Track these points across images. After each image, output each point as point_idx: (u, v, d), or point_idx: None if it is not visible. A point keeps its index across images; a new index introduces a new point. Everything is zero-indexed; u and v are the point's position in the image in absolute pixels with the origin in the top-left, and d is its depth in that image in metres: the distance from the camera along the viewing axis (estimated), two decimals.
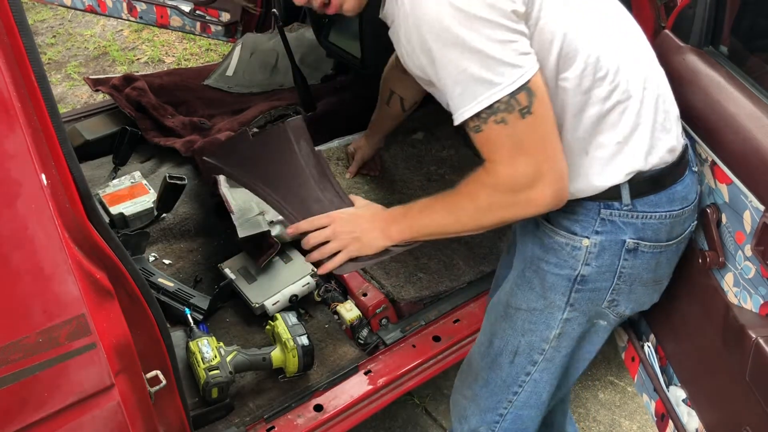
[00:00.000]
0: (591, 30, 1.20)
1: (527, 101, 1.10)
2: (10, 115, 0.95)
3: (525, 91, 1.09)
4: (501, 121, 1.11)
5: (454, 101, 1.14)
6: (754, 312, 1.30)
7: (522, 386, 1.44)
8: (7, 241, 0.97)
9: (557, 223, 1.30)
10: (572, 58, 1.17)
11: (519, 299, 1.39)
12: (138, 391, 1.23)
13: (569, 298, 1.34)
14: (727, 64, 1.47)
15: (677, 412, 1.53)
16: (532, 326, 1.39)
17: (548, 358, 1.41)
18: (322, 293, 2.09)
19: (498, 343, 1.44)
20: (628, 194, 1.25)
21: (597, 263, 1.29)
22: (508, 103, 1.10)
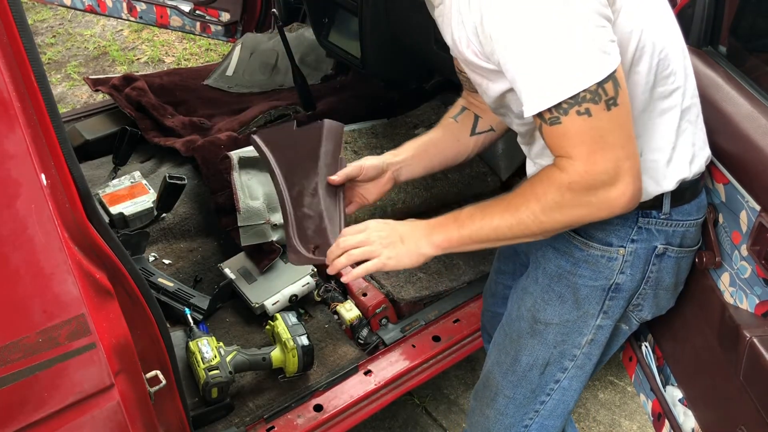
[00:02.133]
0: (662, 27, 1.16)
1: (614, 91, 1.01)
2: (10, 115, 0.95)
3: (612, 81, 1.00)
4: (585, 113, 1.01)
5: (528, 89, 1.03)
6: (750, 312, 1.30)
7: (550, 394, 1.41)
8: (7, 241, 0.97)
9: (590, 235, 1.26)
10: (646, 52, 1.12)
11: (549, 314, 1.34)
12: (138, 391, 1.23)
13: (603, 306, 1.31)
14: (726, 64, 1.47)
15: (674, 412, 1.53)
16: (564, 337, 1.35)
17: (579, 365, 1.38)
18: (322, 293, 2.10)
19: (526, 359, 1.39)
20: (669, 203, 1.23)
21: (631, 271, 1.28)
22: (596, 93, 1.00)
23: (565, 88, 1.00)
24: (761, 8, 1.63)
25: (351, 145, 2.32)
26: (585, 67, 1.00)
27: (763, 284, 1.27)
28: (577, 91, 1.00)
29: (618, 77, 1.02)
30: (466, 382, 2.40)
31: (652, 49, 1.13)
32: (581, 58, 1.00)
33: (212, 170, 2.26)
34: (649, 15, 1.13)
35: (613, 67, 1.01)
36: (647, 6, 1.14)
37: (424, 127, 2.50)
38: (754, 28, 1.65)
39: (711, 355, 1.40)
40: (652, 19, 1.14)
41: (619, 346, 1.45)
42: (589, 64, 1.00)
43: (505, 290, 1.67)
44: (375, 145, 2.36)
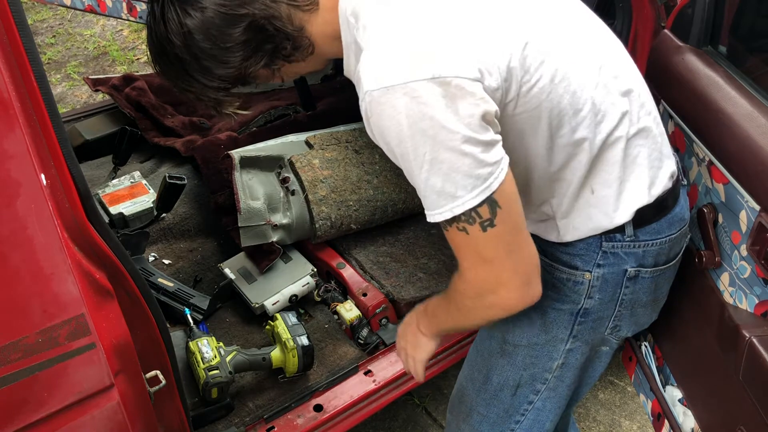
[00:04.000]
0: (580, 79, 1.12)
1: (490, 214, 1.03)
2: (10, 115, 0.95)
3: (488, 204, 1.02)
4: (462, 230, 1.04)
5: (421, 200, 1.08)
6: (749, 312, 1.30)
7: (525, 414, 1.40)
8: (7, 241, 0.97)
9: (556, 258, 1.26)
10: (567, 115, 1.11)
11: (517, 336, 1.34)
12: (137, 391, 1.23)
13: (572, 330, 1.30)
14: (726, 64, 1.47)
15: (673, 412, 1.53)
16: (534, 360, 1.34)
17: (551, 387, 1.37)
18: (322, 293, 2.10)
19: (497, 379, 1.39)
20: (631, 227, 1.21)
21: (600, 295, 1.25)
22: (469, 216, 1.03)
23: (442, 211, 1.04)
24: (761, 8, 1.63)
25: (352, 144, 2.32)
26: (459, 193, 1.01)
27: (762, 284, 1.27)
28: (452, 215, 1.03)
29: (498, 197, 1.02)
30: None
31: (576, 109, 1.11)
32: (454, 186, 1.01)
33: (212, 170, 2.26)
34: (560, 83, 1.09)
35: (490, 191, 1.01)
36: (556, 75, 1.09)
37: None
38: (754, 28, 1.65)
39: (710, 354, 1.40)
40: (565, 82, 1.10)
41: (604, 367, 1.42)
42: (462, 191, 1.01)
43: None
44: (375, 144, 2.36)
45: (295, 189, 2.13)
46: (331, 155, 2.25)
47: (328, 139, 2.30)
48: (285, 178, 2.15)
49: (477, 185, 1.01)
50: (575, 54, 1.13)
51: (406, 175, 1.07)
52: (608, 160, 1.16)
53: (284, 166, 2.19)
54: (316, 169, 2.17)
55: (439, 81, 0.97)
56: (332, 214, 2.11)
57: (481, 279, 1.09)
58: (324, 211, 2.10)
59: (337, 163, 2.23)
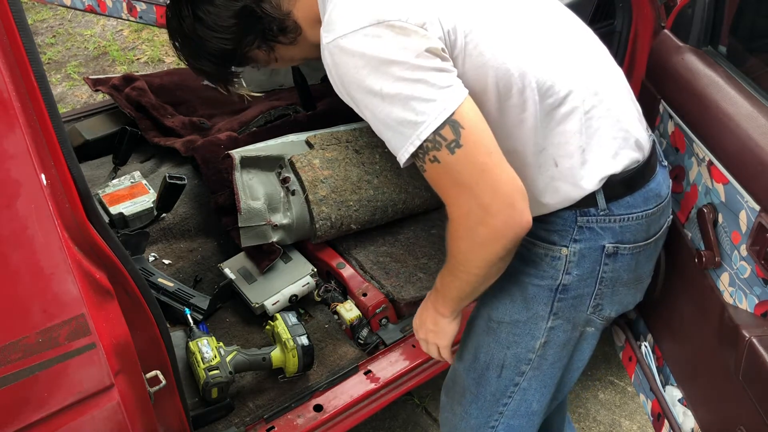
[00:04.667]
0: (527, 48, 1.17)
1: (453, 134, 1.06)
2: (10, 115, 0.95)
3: (449, 125, 1.05)
4: (434, 160, 1.08)
5: (390, 146, 1.12)
6: (749, 312, 1.30)
7: (511, 396, 1.43)
8: (7, 241, 0.97)
9: (533, 233, 1.26)
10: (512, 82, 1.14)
11: (500, 312, 1.37)
12: (138, 391, 1.23)
13: (552, 307, 1.32)
14: (726, 64, 1.47)
15: (673, 412, 1.53)
16: (516, 338, 1.37)
17: (535, 366, 1.39)
18: (322, 293, 2.10)
19: (483, 357, 1.42)
20: (603, 199, 1.23)
21: (578, 271, 1.27)
22: (435, 141, 1.06)
23: (411, 141, 1.07)
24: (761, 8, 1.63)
25: (352, 144, 2.32)
26: (419, 119, 1.06)
27: (762, 284, 1.27)
28: (420, 141, 1.07)
29: (458, 118, 1.06)
30: None
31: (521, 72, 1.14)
32: (413, 112, 1.06)
33: (212, 170, 2.26)
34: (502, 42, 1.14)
35: (449, 112, 1.05)
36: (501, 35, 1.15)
37: None
38: (754, 28, 1.65)
39: (710, 355, 1.40)
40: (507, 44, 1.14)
41: (592, 349, 1.43)
42: (422, 115, 1.06)
43: None
44: (376, 144, 2.36)
45: (295, 189, 2.13)
46: (332, 155, 2.25)
47: (328, 139, 2.30)
48: (285, 178, 2.15)
49: (435, 107, 1.05)
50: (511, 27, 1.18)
51: (371, 122, 1.13)
52: (566, 132, 1.19)
53: (284, 166, 2.19)
54: (317, 169, 2.17)
55: (385, 24, 1.06)
56: (332, 215, 2.11)
57: (465, 210, 1.10)
58: (324, 211, 2.10)
59: (337, 163, 2.23)
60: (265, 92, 2.94)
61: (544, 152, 1.20)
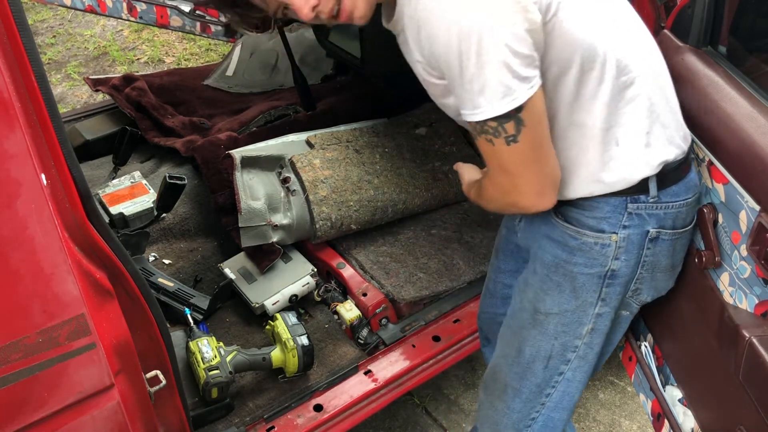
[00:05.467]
0: (609, 28, 1.20)
1: (514, 130, 1.12)
2: (10, 115, 0.95)
3: (513, 120, 1.11)
4: (489, 141, 1.15)
5: (458, 99, 1.17)
6: (749, 312, 1.30)
7: (555, 386, 1.44)
8: (7, 241, 0.97)
9: (582, 223, 1.31)
10: (596, 57, 1.18)
11: (549, 304, 1.38)
12: (138, 391, 1.23)
13: (600, 293, 1.34)
14: (726, 64, 1.47)
15: (673, 412, 1.53)
16: (565, 328, 1.38)
17: (581, 355, 1.40)
18: (322, 293, 2.10)
19: (529, 351, 1.42)
20: (655, 186, 1.27)
21: (625, 256, 1.31)
22: (496, 129, 1.13)
23: (475, 113, 1.13)
24: (761, 8, 1.63)
25: (353, 144, 2.33)
26: (489, 101, 1.10)
27: (762, 284, 1.27)
28: (483, 118, 1.13)
29: (524, 114, 1.11)
30: (466, 382, 2.40)
31: (604, 49, 1.18)
32: (484, 93, 1.10)
33: (212, 170, 2.26)
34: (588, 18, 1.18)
35: (509, 107, 1.10)
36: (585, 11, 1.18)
37: (425, 127, 2.50)
38: (753, 28, 1.65)
39: (710, 354, 1.40)
40: (592, 21, 1.18)
41: (622, 333, 1.47)
42: (492, 100, 1.10)
43: (504, 290, 1.67)
44: (376, 144, 2.36)
45: (295, 189, 2.13)
46: (332, 155, 2.25)
47: (328, 139, 2.30)
48: (286, 178, 2.16)
49: (507, 94, 1.09)
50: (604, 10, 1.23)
51: (449, 81, 1.16)
52: (634, 113, 1.23)
53: (285, 165, 2.19)
54: (317, 169, 2.18)
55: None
56: (332, 215, 2.11)
57: (501, 184, 1.23)
58: (324, 211, 2.10)
59: (337, 162, 2.23)
60: (265, 92, 2.95)
61: (611, 130, 1.24)
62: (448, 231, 2.31)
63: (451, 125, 2.52)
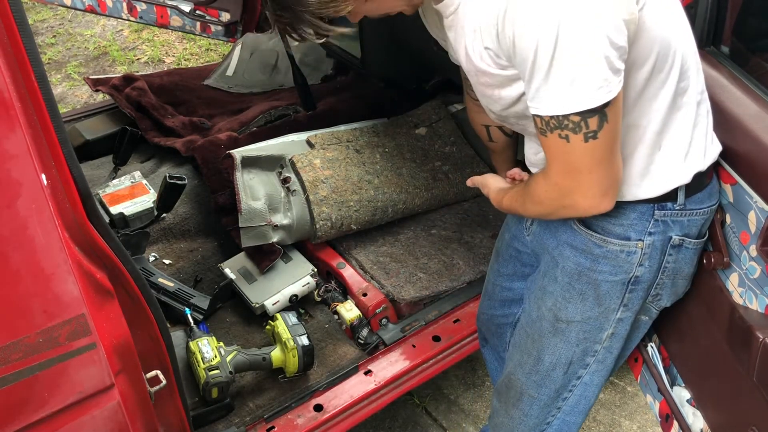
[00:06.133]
0: (678, 26, 1.19)
1: (597, 125, 1.07)
2: (10, 115, 0.95)
3: (598, 115, 1.06)
4: (564, 138, 1.09)
5: (529, 93, 1.10)
6: (761, 312, 1.29)
7: (572, 390, 1.43)
8: (7, 241, 0.97)
9: (608, 231, 1.29)
10: (671, 53, 1.16)
11: (571, 312, 1.36)
12: (138, 391, 1.23)
13: (623, 299, 1.33)
14: (729, 64, 1.47)
15: (682, 413, 1.53)
16: (586, 335, 1.37)
17: (600, 359, 1.40)
18: (322, 293, 2.09)
19: (549, 358, 1.41)
20: (683, 194, 1.26)
21: (649, 262, 1.30)
22: (578, 124, 1.06)
23: (554, 106, 1.07)
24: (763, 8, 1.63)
25: (353, 144, 2.32)
26: (577, 94, 1.04)
27: None
28: (564, 113, 1.06)
29: (609, 111, 1.06)
30: (466, 382, 2.40)
31: (675, 49, 1.16)
32: (576, 85, 1.04)
33: (212, 170, 2.25)
34: (667, 16, 1.15)
35: (605, 100, 1.05)
36: (664, 8, 1.16)
37: (425, 127, 2.50)
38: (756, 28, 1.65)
39: (720, 355, 1.39)
40: (670, 19, 1.16)
41: (641, 337, 1.46)
42: (580, 93, 1.04)
43: (502, 293, 1.66)
44: (377, 144, 2.36)
45: (296, 189, 2.13)
46: (332, 155, 2.25)
47: (329, 139, 2.30)
48: (286, 178, 2.15)
49: (602, 86, 1.04)
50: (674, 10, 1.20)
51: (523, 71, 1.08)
52: (683, 120, 1.22)
53: (285, 165, 2.19)
54: (317, 169, 2.17)
55: None
56: (333, 215, 2.11)
57: (565, 185, 1.15)
58: (324, 211, 2.10)
59: (338, 162, 2.23)
60: (265, 92, 2.94)
61: (660, 134, 1.21)
62: (448, 231, 2.31)
63: (451, 125, 2.52)
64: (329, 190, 2.14)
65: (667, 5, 1.17)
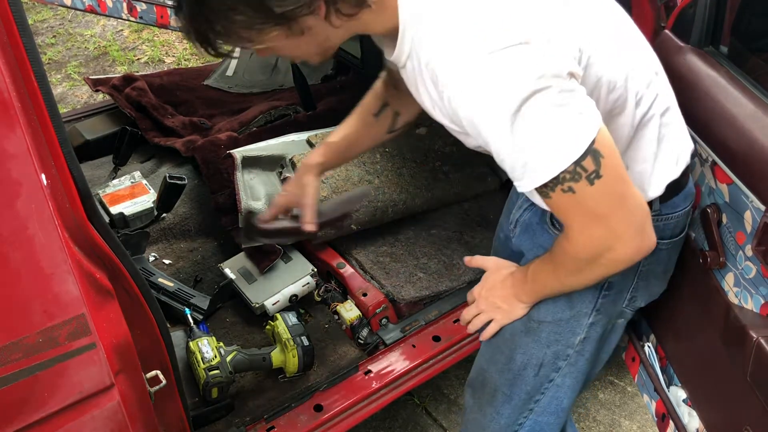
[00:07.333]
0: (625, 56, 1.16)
1: (594, 165, 1.01)
2: (10, 115, 0.95)
3: (591, 155, 1.00)
4: (568, 190, 1.02)
5: (513, 173, 1.05)
6: (755, 312, 1.29)
7: (544, 393, 1.42)
8: (7, 241, 0.97)
9: None
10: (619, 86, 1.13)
11: (543, 313, 1.35)
12: (138, 391, 1.23)
13: (596, 304, 1.32)
14: (728, 64, 1.47)
15: (678, 413, 1.53)
16: (558, 336, 1.36)
17: (572, 362, 1.39)
18: (322, 293, 2.09)
19: (521, 358, 1.40)
20: (658, 202, 1.25)
21: None
22: (574, 172, 1.00)
23: (543, 172, 1.02)
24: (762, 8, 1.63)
25: None
26: (559, 149, 1.00)
27: None
28: (555, 174, 1.01)
29: (598, 146, 1.01)
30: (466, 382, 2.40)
31: (625, 82, 1.13)
32: (553, 142, 1.00)
33: (212, 170, 2.25)
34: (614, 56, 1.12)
35: (590, 139, 1.00)
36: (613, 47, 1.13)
37: (425, 127, 2.50)
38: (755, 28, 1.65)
39: (715, 355, 1.39)
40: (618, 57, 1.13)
41: (617, 340, 1.45)
42: (562, 145, 1.00)
43: None
44: None
45: None
46: None
47: None
48: (286, 178, 2.15)
49: (578, 133, 0.99)
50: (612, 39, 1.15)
51: (496, 152, 1.04)
52: (645, 137, 1.20)
53: (286, 165, 2.19)
54: None
55: (526, 44, 0.97)
56: None
57: (596, 238, 1.08)
58: None
59: None
60: (265, 92, 2.94)
61: (625, 155, 1.18)
62: (448, 231, 2.31)
63: None
64: (329, 191, 2.14)
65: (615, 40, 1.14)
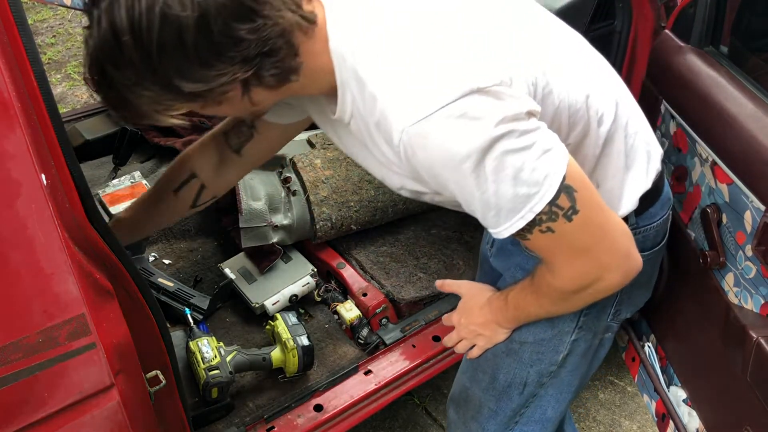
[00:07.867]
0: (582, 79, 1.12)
1: (570, 201, 0.99)
2: (10, 115, 0.95)
3: (564, 191, 0.98)
4: (547, 231, 1.00)
5: (487, 222, 1.03)
6: (755, 312, 1.30)
7: (528, 406, 1.42)
8: (7, 241, 0.97)
9: None
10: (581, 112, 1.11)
11: (524, 334, 1.32)
12: (138, 391, 1.23)
13: (578, 322, 1.30)
14: (728, 64, 1.47)
15: (678, 413, 1.53)
16: (540, 356, 1.34)
17: (554, 375, 1.38)
18: (322, 293, 2.09)
19: (504, 378, 1.39)
20: (633, 216, 1.22)
21: None
22: (550, 213, 0.98)
23: (517, 218, 1.00)
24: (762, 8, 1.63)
25: None
26: (531, 191, 0.97)
27: None
28: (531, 218, 0.99)
29: (570, 180, 0.98)
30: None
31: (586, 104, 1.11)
32: (525, 185, 0.97)
33: None
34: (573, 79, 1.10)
35: (560, 176, 0.97)
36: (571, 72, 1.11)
37: None
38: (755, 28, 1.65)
39: (715, 354, 1.40)
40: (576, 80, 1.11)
41: (606, 351, 1.43)
42: (534, 187, 0.97)
43: None
44: None
45: (296, 189, 2.13)
46: (333, 154, 2.24)
47: (330, 139, 2.30)
48: (286, 178, 2.15)
49: (547, 173, 0.97)
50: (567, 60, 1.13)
51: (464, 203, 1.03)
52: (613, 152, 1.17)
53: (286, 165, 2.19)
54: (318, 169, 2.17)
55: (479, 92, 0.94)
56: (333, 215, 2.11)
57: (583, 272, 1.07)
58: (325, 212, 2.10)
59: (338, 162, 2.23)
60: None
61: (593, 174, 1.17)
62: (448, 231, 2.31)
63: None
64: (330, 191, 2.14)
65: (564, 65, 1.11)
